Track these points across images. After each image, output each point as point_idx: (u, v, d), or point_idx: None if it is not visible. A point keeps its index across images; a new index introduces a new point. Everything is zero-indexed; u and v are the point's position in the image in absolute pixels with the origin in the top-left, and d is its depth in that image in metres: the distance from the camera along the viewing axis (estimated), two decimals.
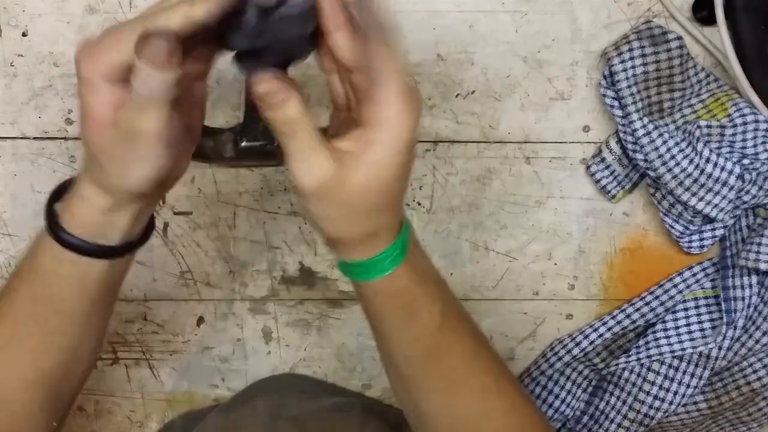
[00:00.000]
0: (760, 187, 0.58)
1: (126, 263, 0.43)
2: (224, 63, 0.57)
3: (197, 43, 0.36)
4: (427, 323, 0.41)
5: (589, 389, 0.66)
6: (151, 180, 0.37)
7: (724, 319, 0.60)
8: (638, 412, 0.63)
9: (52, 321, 0.42)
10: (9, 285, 0.43)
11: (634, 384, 0.63)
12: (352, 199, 0.36)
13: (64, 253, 0.39)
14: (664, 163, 0.57)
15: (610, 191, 0.61)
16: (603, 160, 0.60)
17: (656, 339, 0.63)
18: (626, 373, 0.63)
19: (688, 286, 0.64)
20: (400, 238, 0.39)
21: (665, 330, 0.63)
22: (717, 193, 0.58)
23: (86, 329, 0.44)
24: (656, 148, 0.57)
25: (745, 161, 0.58)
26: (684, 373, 0.62)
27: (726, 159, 0.57)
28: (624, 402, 0.64)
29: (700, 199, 0.58)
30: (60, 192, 0.41)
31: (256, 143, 0.54)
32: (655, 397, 0.63)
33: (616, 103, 0.58)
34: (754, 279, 0.60)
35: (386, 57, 0.34)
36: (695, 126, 0.57)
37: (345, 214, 0.37)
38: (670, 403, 0.63)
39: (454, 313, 0.44)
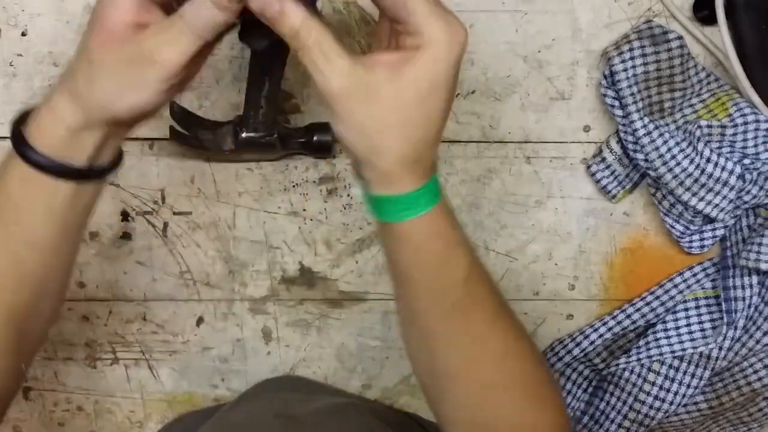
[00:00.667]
0: (761, 187, 0.58)
1: (94, 191, 0.42)
2: (223, 63, 0.57)
3: None
4: (457, 273, 0.40)
5: (590, 389, 0.66)
6: (138, 110, 0.36)
7: (725, 319, 0.60)
8: (638, 412, 0.63)
9: (22, 253, 0.41)
10: None
11: (634, 384, 0.63)
12: (389, 111, 0.34)
13: (31, 174, 0.38)
14: (664, 163, 0.57)
15: (610, 191, 0.61)
16: (603, 159, 0.60)
17: (656, 339, 0.63)
18: (626, 374, 0.63)
19: (688, 286, 0.63)
20: (437, 175, 0.38)
21: (665, 330, 0.63)
22: (717, 193, 0.58)
23: (55, 261, 0.42)
24: (657, 148, 0.57)
25: (746, 161, 0.58)
26: (684, 373, 0.62)
27: (727, 159, 0.57)
28: (624, 402, 0.64)
29: (701, 199, 0.58)
30: (28, 114, 0.39)
31: (256, 134, 0.54)
32: (656, 398, 0.63)
33: (616, 103, 0.58)
34: (755, 279, 0.60)
35: None
36: (696, 126, 0.57)
37: (383, 128, 0.35)
38: (671, 404, 0.63)
39: (480, 266, 0.42)
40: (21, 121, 0.39)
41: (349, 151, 0.36)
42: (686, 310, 0.63)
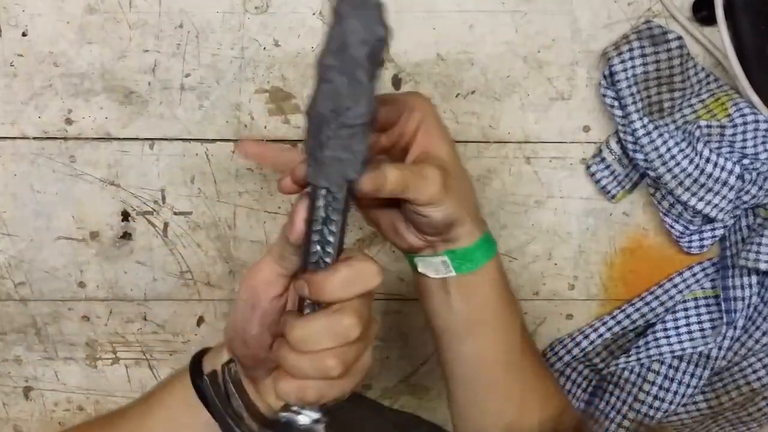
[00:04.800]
0: (760, 187, 0.58)
1: None
2: (224, 62, 0.57)
3: None
4: (516, 317, 0.48)
5: (589, 389, 0.66)
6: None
7: (724, 319, 0.60)
8: (638, 412, 0.63)
9: None
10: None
11: (634, 384, 0.63)
12: (459, 180, 0.43)
13: (195, 402, 0.42)
14: (664, 163, 0.57)
15: (610, 191, 0.61)
16: (603, 160, 0.60)
17: (656, 339, 0.63)
18: (626, 373, 0.63)
19: (688, 286, 0.63)
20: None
21: (665, 330, 0.63)
22: (717, 193, 0.58)
23: None
24: (656, 148, 0.57)
25: (745, 161, 0.58)
26: (684, 373, 0.62)
27: (726, 159, 0.57)
28: (624, 402, 0.64)
29: (700, 199, 0.58)
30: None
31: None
32: (655, 397, 0.63)
33: (616, 103, 0.58)
34: (754, 279, 0.60)
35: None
36: (695, 126, 0.57)
37: (460, 197, 0.43)
38: (670, 403, 0.63)
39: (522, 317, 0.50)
40: (202, 353, 0.44)
41: (442, 224, 0.43)
42: (686, 310, 0.63)
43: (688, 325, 0.63)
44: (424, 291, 0.48)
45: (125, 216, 0.61)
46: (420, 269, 0.47)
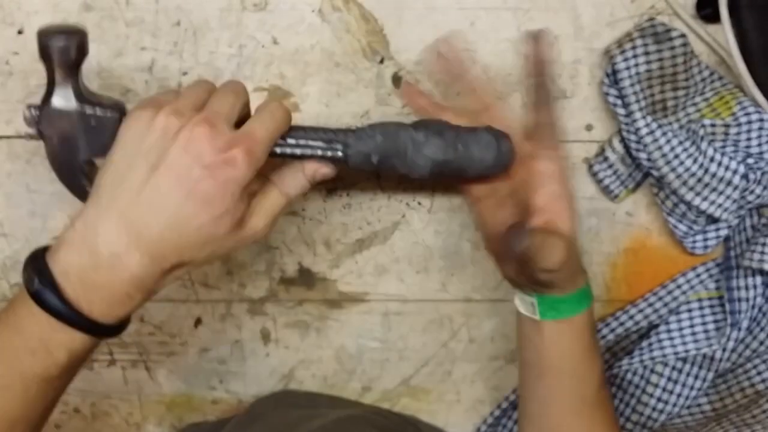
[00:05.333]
0: (765, 187, 0.58)
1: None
2: (222, 61, 0.56)
3: None
4: (596, 366, 0.50)
5: None
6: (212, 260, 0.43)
7: (728, 321, 0.60)
8: (641, 414, 0.63)
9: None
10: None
11: (636, 386, 0.63)
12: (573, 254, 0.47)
13: (55, 323, 0.39)
14: (667, 163, 0.57)
15: (612, 191, 0.61)
16: (606, 159, 0.60)
17: (659, 341, 0.62)
18: (629, 375, 0.63)
19: (691, 287, 0.63)
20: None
21: (669, 332, 0.62)
22: (721, 193, 0.57)
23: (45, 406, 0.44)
24: (660, 147, 0.56)
25: (750, 160, 0.57)
26: (687, 375, 0.62)
27: (730, 158, 0.56)
28: (627, 404, 0.63)
29: (704, 199, 0.57)
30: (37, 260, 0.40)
31: None
32: (659, 400, 0.62)
33: (619, 102, 0.58)
34: (759, 280, 0.59)
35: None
36: (699, 125, 0.57)
37: (572, 259, 0.47)
38: (674, 406, 0.62)
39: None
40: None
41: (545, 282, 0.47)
42: (689, 311, 0.63)
43: (692, 326, 0.62)
44: (519, 320, 0.51)
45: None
46: (515, 301, 0.50)
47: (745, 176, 0.57)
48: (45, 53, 0.43)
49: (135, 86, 0.57)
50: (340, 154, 0.46)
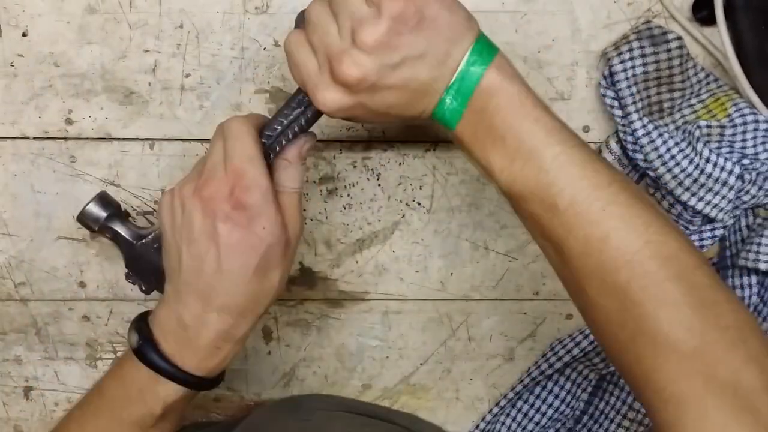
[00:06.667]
0: (760, 187, 0.58)
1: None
2: (224, 63, 0.56)
3: None
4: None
5: (589, 389, 0.66)
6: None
7: None
8: (638, 411, 0.63)
9: None
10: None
11: None
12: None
13: (156, 377, 0.46)
14: (663, 164, 0.57)
15: None
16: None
17: None
18: None
19: None
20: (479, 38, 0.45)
21: None
22: (717, 193, 0.58)
23: None
24: (656, 149, 0.57)
25: (745, 161, 0.58)
26: None
27: (726, 159, 0.57)
28: (624, 402, 0.64)
29: (700, 199, 0.58)
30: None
31: None
32: None
33: (615, 104, 0.58)
34: (754, 279, 0.60)
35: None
36: (695, 126, 0.57)
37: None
38: None
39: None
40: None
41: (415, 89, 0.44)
42: None
43: None
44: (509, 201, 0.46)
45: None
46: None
47: (740, 177, 0.57)
48: (92, 229, 0.53)
49: (138, 88, 0.58)
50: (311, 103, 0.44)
